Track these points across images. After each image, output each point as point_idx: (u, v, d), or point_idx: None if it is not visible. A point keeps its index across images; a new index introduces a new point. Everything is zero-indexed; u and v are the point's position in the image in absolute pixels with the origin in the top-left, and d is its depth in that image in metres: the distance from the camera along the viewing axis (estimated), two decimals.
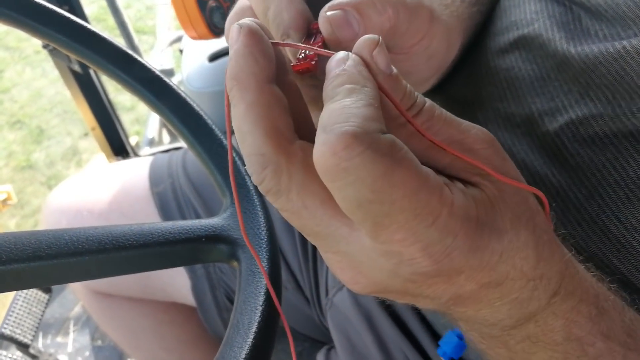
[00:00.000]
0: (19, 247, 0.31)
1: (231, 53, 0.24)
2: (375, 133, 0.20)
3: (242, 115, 0.23)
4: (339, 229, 0.23)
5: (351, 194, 0.20)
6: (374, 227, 0.21)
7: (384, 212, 0.20)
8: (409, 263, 0.22)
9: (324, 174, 0.20)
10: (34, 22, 0.43)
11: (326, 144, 0.20)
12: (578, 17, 0.38)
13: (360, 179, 0.20)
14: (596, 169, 0.35)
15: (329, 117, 0.21)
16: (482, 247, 0.23)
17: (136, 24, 2.60)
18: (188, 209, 0.66)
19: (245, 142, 0.23)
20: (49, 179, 1.86)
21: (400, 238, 0.21)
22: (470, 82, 0.44)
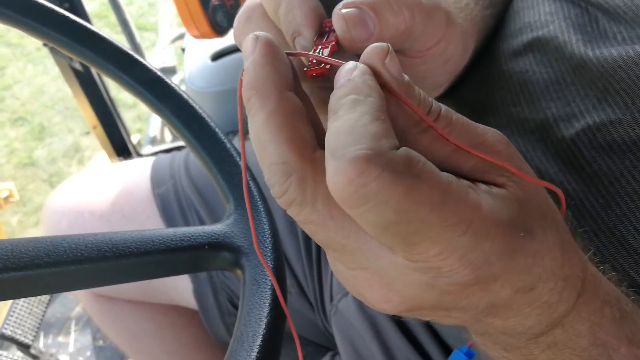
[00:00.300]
0: (16, 255, 0.31)
1: (248, 63, 0.23)
2: (388, 152, 0.19)
3: (263, 124, 0.22)
4: (368, 242, 0.22)
5: (374, 219, 0.19)
6: (405, 246, 0.20)
7: (412, 230, 0.19)
8: (447, 274, 0.21)
9: (342, 202, 0.20)
10: (32, 21, 0.42)
11: (339, 173, 0.19)
12: (595, 19, 0.37)
13: (382, 203, 0.19)
14: (614, 177, 0.34)
15: (336, 139, 0.20)
16: (518, 250, 0.22)
17: (138, 20, 2.59)
18: (190, 211, 0.65)
19: (267, 152, 0.22)
20: (50, 176, 1.85)
21: (436, 252, 0.20)
22: (482, 86, 0.43)
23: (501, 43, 0.43)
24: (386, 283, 0.23)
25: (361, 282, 0.24)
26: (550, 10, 0.40)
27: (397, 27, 0.28)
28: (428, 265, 0.21)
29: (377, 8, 0.27)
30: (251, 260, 0.36)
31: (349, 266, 0.24)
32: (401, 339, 0.51)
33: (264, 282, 0.34)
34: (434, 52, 0.32)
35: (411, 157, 0.20)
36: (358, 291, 0.25)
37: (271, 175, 0.22)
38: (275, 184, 0.22)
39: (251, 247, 0.36)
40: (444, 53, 0.33)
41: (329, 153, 0.20)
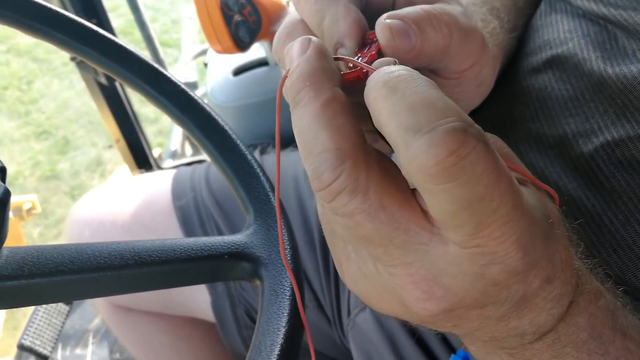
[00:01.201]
0: (41, 262, 0.31)
1: (301, 59, 0.23)
2: (474, 123, 0.19)
3: (317, 112, 0.22)
4: (418, 234, 0.22)
5: (463, 194, 0.19)
6: (475, 228, 0.20)
7: (492, 208, 0.19)
8: (500, 260, 0.20)
9: (435, 177, 0.19)
10: (63, 35, 0.43)
11: (437, 145, 0.18)
12: (614, 36, 0.37)
13: (477, 175, 0.19)
14: (633, 193, 0.34)
15: (414, 114, 0.19)
16: (549, 236, 0.22)
17: (161, 37, 2.64)
18: (210, 224, 0.65)
19: (318, 139, 0.22)
20: (72, 189, 1.88)
21: (498, 235, 0.20)
22: (501, 102, 0.43)
23: (521, 60, 0.43)
24: (432, 277, 0.22)
25: (402, 280, 0.23)
26: (569, 28, 0.40)
27: (437, 43, 0.29)
28: (485, 251, 0.20)
29: (420, 22, 0.28)
30: (270, 270, 0.36)
31: (391, 262, 0.23)
32: (418, 354, 0.51)
33: (283, 292, 0.35)
34: (469, 74, 0.32)
35: (483, 131, 0.20)
36: (393, 294, 0.24)
37: (322, 162, 0.21)
38: (326, 171, 0.21)
39: (270, 258, 0.37)
40: (478, 76, 0.33)
41: (408, 129, 0.19)
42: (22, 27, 0.43)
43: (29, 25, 0.43)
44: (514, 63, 0.44)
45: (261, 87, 0.86)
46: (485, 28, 0.40)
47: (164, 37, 2.67)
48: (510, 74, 0.44)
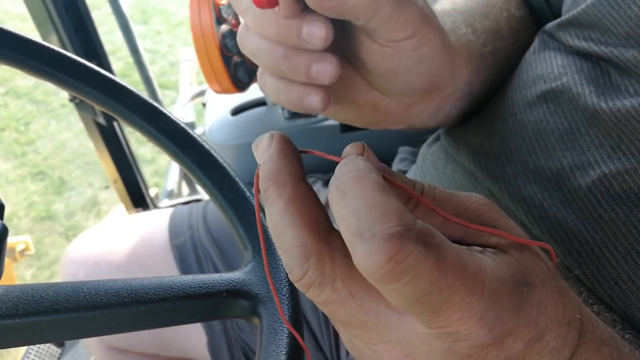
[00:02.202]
0: (36, 300, 0.31)
1: (265, 158, 0.25)
2: (415, 225, 0.20)
3: (281, 211, 0.23)
4: (389, 315, 0.23)
5: (409, 292, 0.20)
6: (432, 314, 0.21)
7: (443, 299, 0.20)
8: (466, 338, 0.21)
9: (378, 280, 0.20)
10: (65, 75, 0.44)
11: (375, 252, 0.19)
12: (607, 72, 0.38)
13: (418, 275, 0.19)
14: (632, 225, 0.34)
15: (357, 219, 0.20)
16: (524, 304, 0.22)
17: (160, 79, 2.67)
18: (207, 263, 0.65)
19: (285, 236, 0.23)
20: (67, 229, 1.87)
21: (458, 317, 0.21)
22: (497, 135, 0.44)
23: (515, 93, 0.44)
24: (408, 353, 0.24)
25: (383, 356, 0.24)
26: (563, 63, 0.41)
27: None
28: (449, 331, 0.21)
29: None
30: (269, 308, 0.36)
31: (370, 342, 0.24)
32: None
33: (281, 330, 0.34)
34: (406, 45, 0.33)
35: (430, 228, 0.21)
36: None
37: (290, 258, 0.23)
38: (295, 267, 0.23)
39: (269, 295, 0.36)
40: (417, 51, 0.34)
41: (353, 235, 0.20)
42: (24, 67, 0.44)
43: (31, 65, 0.44)
44: (508, 96, 0.45)
45: (259, 127, 0.86)
46: (455, 30, 0.42)
47: (162, 79, 2.71)
48: (504, 107, 0.45)
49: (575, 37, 0.42)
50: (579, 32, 0.41)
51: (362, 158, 0.23)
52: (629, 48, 0.37)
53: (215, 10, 0.67)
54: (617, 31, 0.38)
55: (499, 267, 0.22)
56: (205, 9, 0.66)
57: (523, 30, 0.52)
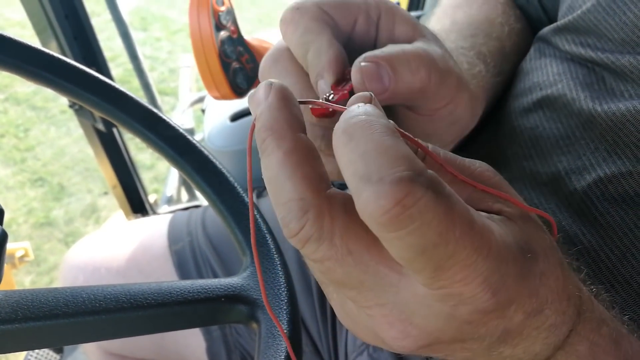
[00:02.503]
0: (36, 305, 0.31)
1: (263, 107, 0.24)
2: (425, 171, 0.19)
3: (280, 163, 0.22)
4: (387, 275, 0.22)
5: (416, 241, 0.19)
6: (435, 272, 0.20)
7: (448, 253, 0.19)
8: (469, 301, 0.21)
9: (384, 225, 0.19)
10: (65, 81, 0.44)
11: (382, 196, 0.18)
12: (602, 78, 0.39)
13: (425, 223, 0.19)
14: (628, 228, 0.34)
15: (365, 163, 0.19)
16: (528, 271, 0.22)
17: (159, 85, 2.68)
18: (206, 268, 0.65)
19: (284, 189, 0.22)
20: (66, 235, 1.87)
21: (462, 277, 0.20)
22: (494, 142, 0.44)
23: (511, 101, 0.44)
24: (406, 317, 0.23)
25: (378, 320, 0.23)
26: (559, 71, 0.42)
27: (413, 85, 0.30)
28: (451, 292, 0.20)
29: (395, 65, 0.29)
30: (267, 313, 0.36)
31: (366, 304, 0.23)
32: None
33: (280, 335, 0.34)
34: (442, 113, 0.33)
35: (439, 178, 0.20)
36: (374, 332, 0.24)
37: (287, 212, 0.22)
38: (292, 221, 0.22)
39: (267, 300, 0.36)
40: (452, 115, 0.34)
41: (360, 178, 0.19)
42: (24, 74, 0.44)
43: (31, 71, 0.44)
44: (504, 104, 0.45)
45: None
46: (470, 70, 0.41)
47: (162, 85, 2.71)
48: (501, 115, 0.45)
49: (571, 43, 0.42)
50: (574, 38, 0.42)
51: (370, 105, 0.22)
52: (625, 54, 0.37)
53: (215, 17, 0.67)
54: (612, 37, 0.38)
55: (504, 232, 0.22)
56: (204, 16, 0.66)
57: (524, 43, 0.52)
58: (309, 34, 0.29)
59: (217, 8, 0.67)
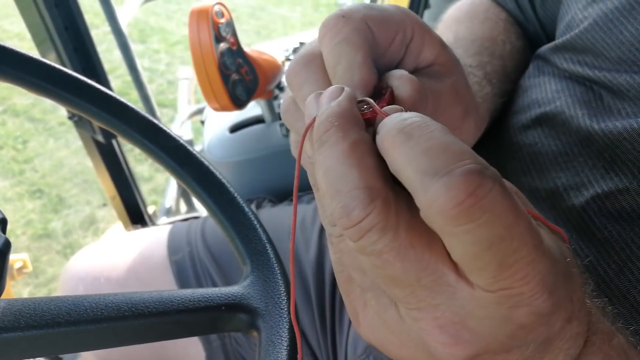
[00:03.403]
0: (38, 313, 0.31)
1: (333, 103, 0.24)
2: (489, 165, 0.20)
3: (346, 152, 0.22)
4: (445, 275, 0.21)
5: (484, 235, 0.19)
6: (498, 270, 0.19)
7: (512, 248, 0.19)
8: (527, 302, 0.20)
9: (455, 218, 0.19)
10: (67, 93, 0.45)
11: (455, 187, 0.19)
12: (600, 96, 0.39)
13: (496, 215, 0.19)
14: (625, 243, 0.35)
15: (430, 158, 0.20)
16: (569, 274, 0.22)
17: (158, 97, 2.69)
18: (205, 278, 0.65)
19: (348, 177, 0.22)
20: (65, 247, 1.87)
21: (523, 275, 0.20)
22: (493, 157, 0.45)
23: (510, 117, 0.45)
24: (459, 320, 0.22)
25: (428, 324, 0.23)
26: (557, 88, 0.42)
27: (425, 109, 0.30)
28: (511, 293, 0.20)
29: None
30: (267, 321, 0.36)
31: (417, 305, 0.22)
32: None
33: (280, 343, 0.34)
34: None
35: (499, 174, 0.20)
36: (417, 341, 0.24)
37: (352, 199, 0.21)
38: (356, 208, 0.21)
39: (267, 309, 0.37)
40: None
41: (425, 174, 0.20)
42: (25, 85, 0.44)
43: (32, 82, 0.44)
44: (503, 120, 0.46)
45: (257, 144, 0.87)
46: (479, 92, 0.42)
47: (160, 97, 2.72)
48: (500, 131, 0.45)
49: (569, 61, 0.43)
50: (572, 56, 0.42)
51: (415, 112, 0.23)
52: (622, 72, 0.38)
53: (214, 28, 0.68)
54: (609, 56, 0.39)
55: (544, 235, 0.22)
56: (204, 28, 0.67)
57: (524, 60, 0.53)
58: (346, 45, 0.29)
59: (216, 20, 0.68)
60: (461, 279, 0.21)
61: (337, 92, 0.25)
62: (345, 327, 0.60)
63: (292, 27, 3.79)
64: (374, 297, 0.25)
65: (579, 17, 0.43)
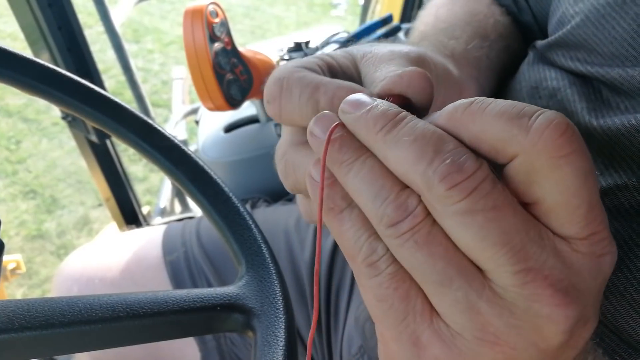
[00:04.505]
0: (32, 315, 0.31)
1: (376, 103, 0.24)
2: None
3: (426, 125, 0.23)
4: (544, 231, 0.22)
5: (580, 163, 0.21)
6: (589, 209, 0.22)
7: (595, 185, 0.22)
8: (610, 248, 0.23)
9: (561, 147, 0.21)
10: (61, 93, 0.44)
11: (556, 118, 0.21)
12: (598, 89, 0.39)
13: (583, 147, 0.21)
14: (622, 240, 0.35)
15: (514, 106, 0.22)
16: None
17: (152, 97, 2.68)
18: (200, 278, 0.65)
19: (447, 138, 0.22)
20: (58, 248, 1.86)
21: (603, 218, 0.22)
22: None
23: None
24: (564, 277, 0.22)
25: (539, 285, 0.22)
26: (557, 75, 0.42)
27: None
28: (599, 237, 0.22)
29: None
30: (263, 321, 0.36)
31: (526, 264, 0.21)
32: None
33: (276, 343, 0.34)
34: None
35: None
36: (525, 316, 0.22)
37: (460, 154, 0.22)
38: (467, 161, 0.21)
39: (263, 309, 0.37)
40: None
41: (520, 116, 0.21)
42: (19, 85, 0.44)
43: (26, 82, 0.44)
44: None
45: (252, 144, 0.87)
46: (441, 47, 0.43)
47: (154, 97, 2.72)
48: None
49: (563, 57, 0.43)
50: (565, 53, 0.42)
51: None
52: (615, 67, 0.38)
53: (209, 28, 0.68)
54: (602, 51, 0.39)
55: None
56: (198, 28, 0.67)
57: (512, 38, 0.53)
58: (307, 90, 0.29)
59: (211, 20, 0.68)
60: (557, 235, 0.22)
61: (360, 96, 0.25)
62: (340, 327, 0.60)
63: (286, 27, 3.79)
64: (460, 288, 0.22)
65: (569, 13, 0.43)
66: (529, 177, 0.22)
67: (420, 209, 0.22)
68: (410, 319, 0.23)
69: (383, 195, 0.23)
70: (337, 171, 0.25)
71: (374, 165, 0.24)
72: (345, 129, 0.25)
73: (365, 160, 0.24)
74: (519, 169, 0.22)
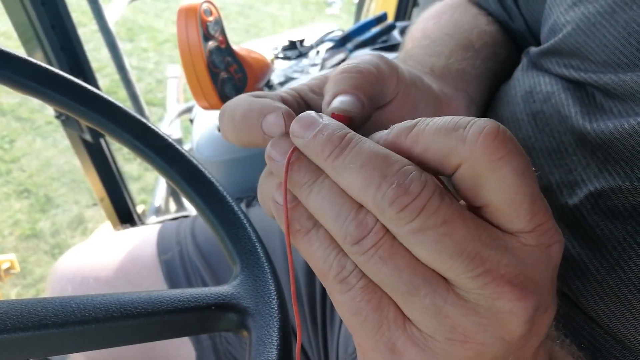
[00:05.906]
0: (24, 315, 0.31)
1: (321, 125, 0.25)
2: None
3: (374, 146, 0.24)
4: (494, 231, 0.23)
5: (518, 162, 0.22)
6: (531, 202, 0.23)
7: (535, 182, 0.23)
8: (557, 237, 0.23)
9: (496, 149, 0.22)
10: (54, 92, 0.44)
11: (488, 124, 0.22)
12: (592, 94, 0.40)
13: (518, 147, 0.22)
14: (617, 241, 0.35)
15: (448, 122, 0.23)
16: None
17: (146, 96, 2.67)
18: (195, 277, 0.65)
19: (393, 158, 0.23)
20: (53, 247, 1.85)
21: (546, 210, 0.23)
22: None
23: (503, 109, 0.45)
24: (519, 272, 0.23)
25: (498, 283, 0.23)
26: (550, 81, 0.43)
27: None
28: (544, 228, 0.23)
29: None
30: (257, 321, 0.36)
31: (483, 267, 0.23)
32: None
33: (270, 342, 0.34)
34: (395, 102, 0.34)
35: None
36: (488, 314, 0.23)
37: (405, 175, 0.23)
38: (414, 180, 0.22)
39: (257, 308, 0.37)
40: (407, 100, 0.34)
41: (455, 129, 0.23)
42: (12, 84, 0.44)
43: (18, 82, 0.44)
44: (496, 112, 0.46)
45: None
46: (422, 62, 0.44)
47: (149, 96, 2.71)
48: None
49: (556, 65, 0.43)
50: (559, 60, 0.43)
51: None
52: (607, 73, 0.38)
53: (203, 27, 0.67)
54: (594, 59, 0.39)
55: None
56: (192, 26, 0.66)
57: (500, 45, 0.53)
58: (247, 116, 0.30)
59: (205, 18, 0.68)
60: (506, 232, 0.23)
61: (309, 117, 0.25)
62: (336, 326, 0.60)
63: (281, 26, 3.78)
64: (427, 295, 0.23)
65: (561, 21, 0.43)
66: (473, 182, 0.23)
67: (379, 226, 0.23)
68: (385, 327, 0.24)
69: (344, 214, 0.24)
70: (299, 193, 0.26)
71: (332, 185, 0.24)
72: (300, 152, 0.26)
73: (324, 180, 0.25)
74: (464, 176, 0.23)
